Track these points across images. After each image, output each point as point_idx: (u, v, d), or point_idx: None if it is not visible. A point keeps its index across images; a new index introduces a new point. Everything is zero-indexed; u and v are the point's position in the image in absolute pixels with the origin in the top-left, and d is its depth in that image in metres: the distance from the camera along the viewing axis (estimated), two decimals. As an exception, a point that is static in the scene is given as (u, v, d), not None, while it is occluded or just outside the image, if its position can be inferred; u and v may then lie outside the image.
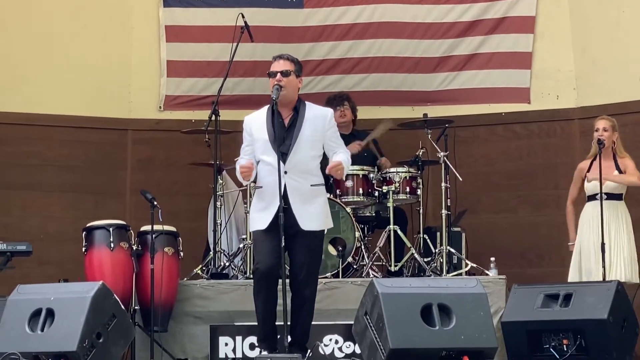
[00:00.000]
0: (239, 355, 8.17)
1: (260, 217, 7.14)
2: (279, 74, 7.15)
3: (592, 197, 8.62)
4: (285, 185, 7.01)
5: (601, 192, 8.44)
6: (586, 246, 8.58)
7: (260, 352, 7.23)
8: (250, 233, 8.00)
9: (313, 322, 7.36)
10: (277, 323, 7.13)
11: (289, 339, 6.96)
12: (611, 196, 8.55)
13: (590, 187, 8.63)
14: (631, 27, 9.88)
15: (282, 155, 7.04)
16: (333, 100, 9.59)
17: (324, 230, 7.32)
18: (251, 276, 7.81)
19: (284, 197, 7.00)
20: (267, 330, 7.18)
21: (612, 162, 8.66)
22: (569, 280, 8.54)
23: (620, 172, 8.63)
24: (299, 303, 7.17)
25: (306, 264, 7.14)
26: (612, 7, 9.98)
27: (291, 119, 7.16)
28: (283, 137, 7.11)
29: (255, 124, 7.22)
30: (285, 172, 7.01)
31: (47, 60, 10.18)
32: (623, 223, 8.60)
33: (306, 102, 7.30)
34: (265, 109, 7.25)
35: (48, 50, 10.18)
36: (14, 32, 10.11)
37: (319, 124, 7.19)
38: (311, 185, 7.16)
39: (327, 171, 7.20)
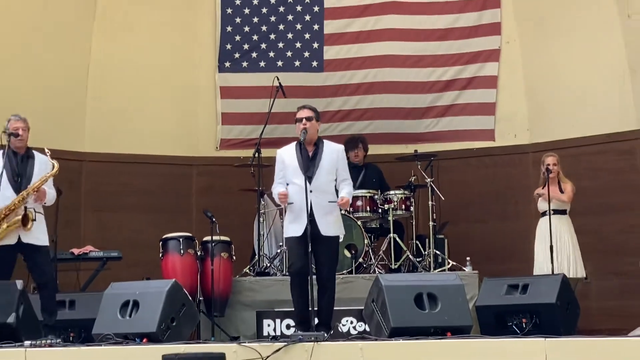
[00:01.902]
0: (278, 333, 8.15)
1: (294, 227, 7.14)
2: (304, 119, 7.20)
3: (543, 214, 8.58)
4: (311, 201, 7.01)
5: (549, 209, 8.41)
6: (543, 249, 8.51)
7: (295, 331, 7.21)
8: (284, 239, 7.98)
9: (334, 308, 7.33)
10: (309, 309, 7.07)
11: (316, 320, 6.93)
12: (557, 211, 8.51)
13: (542, 205, 8.59)
14: (569, 82, 9.86)
15: (308, 179, 7.06)
16: (350, 142, 9.51)
17: (339, 236, 7.29)
18: (287, 274, 7.82)
19: (310, 211, 7.00)
20: (303, 316, 7.14)
21: (557, 187, 8.63)
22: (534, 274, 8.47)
23: (562, 193, 8.58)
24: (322, 292, 7.15)
25: (327, 263, 7.14)
26: (555, 68, 9.96)
27: (313, 152, 7.20)
28: (308, 165, 7.14)
29: (287, 155, 7.26)
30: (311, 191, 7.02)
31: (136, 115, 10.25)
32: (567, 232, 8.54)
33: (324, 140, 7.33)
34: (293, 144, 7.29)
35: (137, 108, 10.27)
36: (111, 95, 10.18)
37: (334, 157, 7.24)
38: (329, 202, 7.16)
39: (340, 206, 7.17)
